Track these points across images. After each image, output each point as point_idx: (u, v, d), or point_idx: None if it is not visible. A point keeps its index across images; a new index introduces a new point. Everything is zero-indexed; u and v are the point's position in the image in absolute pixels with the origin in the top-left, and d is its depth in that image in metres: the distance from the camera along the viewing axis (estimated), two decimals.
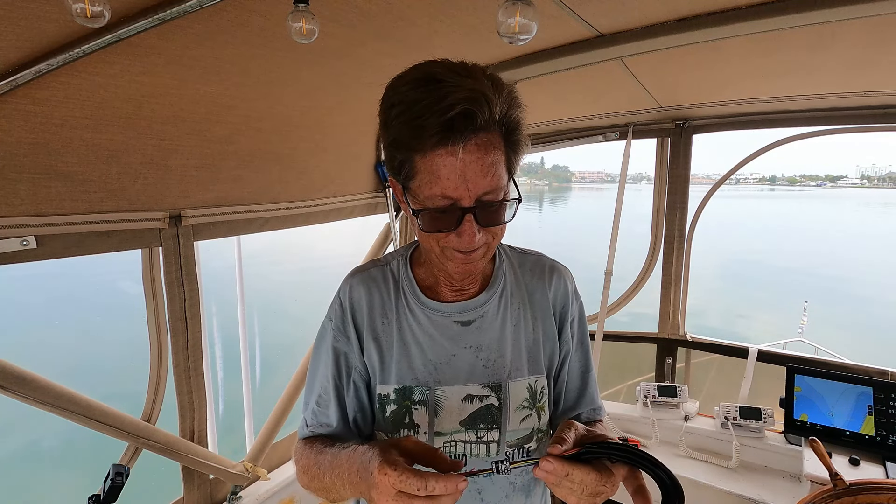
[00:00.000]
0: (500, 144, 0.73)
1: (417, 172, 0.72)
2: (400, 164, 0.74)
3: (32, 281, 18.33)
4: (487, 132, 0.70)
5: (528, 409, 0.88)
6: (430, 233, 0.75)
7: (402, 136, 0.71)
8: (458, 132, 0.67)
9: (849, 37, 1.29)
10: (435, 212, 0.73)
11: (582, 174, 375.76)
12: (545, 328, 0.91)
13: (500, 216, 0.75)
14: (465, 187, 0.70)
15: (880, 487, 1.35)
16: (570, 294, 0.95)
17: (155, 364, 1.46)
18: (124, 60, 1.04)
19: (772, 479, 1.93)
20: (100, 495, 1.27)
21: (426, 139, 0.68)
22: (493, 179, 0.71)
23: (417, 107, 0.68)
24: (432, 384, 0.86)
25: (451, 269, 0.79)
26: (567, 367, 0.95)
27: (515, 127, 0.74)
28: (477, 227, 0.73)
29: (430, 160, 0.70)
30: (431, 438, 0.86)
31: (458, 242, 0.74)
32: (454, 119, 0.66)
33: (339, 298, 0.91)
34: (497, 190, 0.73)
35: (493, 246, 0.79)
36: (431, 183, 0.71)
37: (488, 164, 0.70)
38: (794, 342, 4.47)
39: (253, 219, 1.64)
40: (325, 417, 0.90)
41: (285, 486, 1.87)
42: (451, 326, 0.87)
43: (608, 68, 1.58)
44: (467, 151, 0.68)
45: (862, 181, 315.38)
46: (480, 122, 0.68)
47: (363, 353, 0.89)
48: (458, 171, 0.69)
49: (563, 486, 0.65)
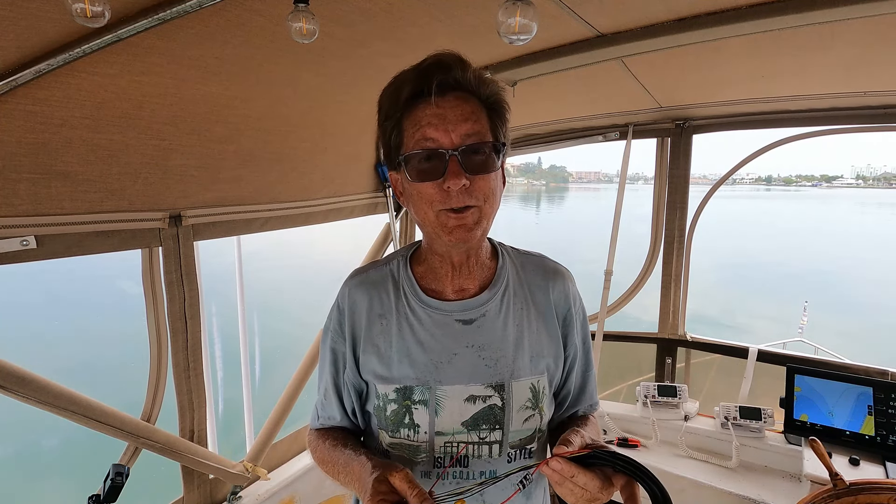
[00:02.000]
0: (481, 107, 0.78)
1: (404, 132, 0.78)
2: (391, 136, 0.80)
3: (33, 280, 18.34)
4: (465, 92, 0.77)
5: (531, 410, 0.88)
6: (418, 182, 0.77)
7: (389, 106, 0.78)
8: (430, 79, 0.74)
9: (848, 37, 1.29)
10: (421, 158, 0.76)
11: (579, 174, 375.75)
12: (547, 328, 0.92)
13: (487, 164, 0.77)
14: (445, 128, 0.74)
15: (880, 487, 1.35)
16: (572, 296, 0.95)
17: (155, 364, 1.46)
18: (124, 60, 1.04)
19: (772, 480, 1.93)
20: (100, 495, 1.27)
21: (405, 94, 0.76)
22: (474, 125, 0.76)
23: (399, 76, 0.78)
24: (433, 383, 0.85)
25: (447, 237, 0.79)
26: (567, 365, 0.95)
27: (496, 100, 0.80)
28: (464, 174, 0.75)
29: (412, 114, 0.77)
30: (432, 438, 0.86)
31: (447, 197, 0.76)
32: (428, 69, 0.74)
33: (336, 302, 0.93)
34: (480, 135, 0.76)
35: (487, 213, 0.80)
36: (414, 132, 0.76)
37: (468, 111, 0.76)
38: (794, 342, 4.47)
39: (253, 219, 1.64)
40: (331, 411, 0.96)
41: (285, 485, 1.87)
42: (452, 325, 0.87)
43: (608, 68, 1.58)
44: (446, 101, 0.75)
45: (857, 181, 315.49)
46: (456, 77, 0.75)
47: (360, 355, 0.90)
48: (437, 114, 0.75)
49: (565, 486, 0.67)
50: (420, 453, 0.86)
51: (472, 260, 0.88)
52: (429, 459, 0.86)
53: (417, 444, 0.86)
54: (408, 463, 0.87)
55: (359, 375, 0.91)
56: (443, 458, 0.86)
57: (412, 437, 0.86)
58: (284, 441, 1.97)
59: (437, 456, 0.86)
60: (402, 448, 0.87)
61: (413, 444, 0.86)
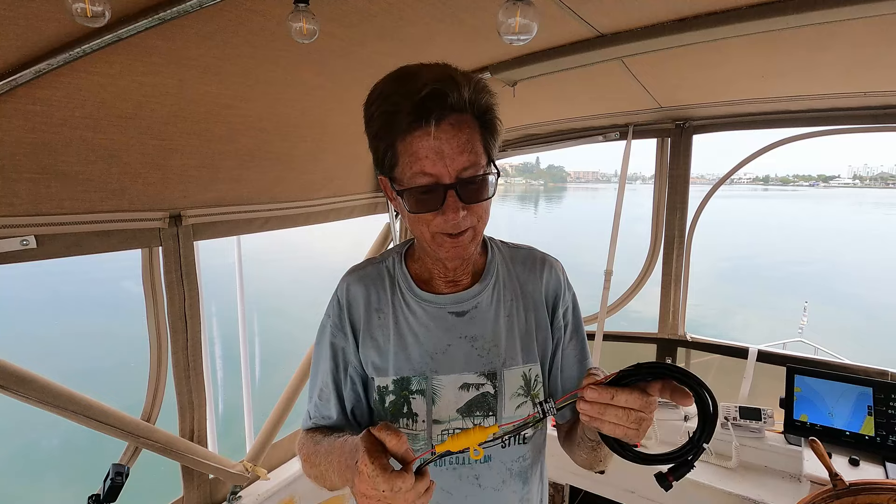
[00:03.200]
0: (475, 125, 0.77)
1: (399, 157, 0.77)
2: (384, 154, 0.79)
3: (33, 279, 18.33)
4: (460, 114, 0.75)
5: (522, 397, 0.91)
6: (416, 213, 0.78)
7: (381, 126, 0.77)
8: (429, 111, 0.72)
9: (849, 37, 1.29)
10: (418, 191, 0.76)
11: (577, 174, 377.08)
12: (537, 318, 0.94)
13: (482, 192, 0.78)
14: (443, 164, 0.74)
15: (880, 488, 1.35)
16: (562, 284, 0.97)
17: (155, 363, 1.46)
18: (124, 60, 1.04)
19: (772, 480, 1.93)
20: (99, 495, 1.27)
21: (401, 122, 0.74)
22: (470, 156, 0.76)
23: (393, 96, 0.75)
24: (429, 374, 0.88)
25: (443, 255, 0.82)
26: (560, 353, 0.96)
27: (487, 109, 0.78)
28: (461, 205, 0.76)
29: (408, 143, 0.75)
30: (430, 426, 0.88)
31: (444, 224, 0.77)
32: (425, 99, 0.72)
33: (336, 296, 0.95)
34: (476, 166, 0.77)
35: (480, 230, 0.82)
36: (412, 163, 0.75)
37: (463, 141, 0.75)
38: (793, 342, 4.46)
39: (253, 218, 1.64)
40: (327, 410, 0.94)
41: (285, 485, 1.87)
42: (446, 317, 0.90)
43: (608, 68, 1.58)
44: (442, 130, 0.73)
45: (854, 181, 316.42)
46: (451, 102, 0.73)
47: (360, 348, 0.92)
48: (435, 149, 0.74)
49: (608, 414, 0.66)
50: (418, 441, 0.89)
51: (466, 261, 0.91)
52: (426, 447, 0.88)
53: (416, 433, 0.89)
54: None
55: (360, 365, 0.93)
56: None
57: (411, 426, 0.89)
58: (284, 441, 1.97)
59: (435, 444, 0.87)
60: None
61: (412, 433, 0.89)
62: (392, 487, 0.62)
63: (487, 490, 0.90)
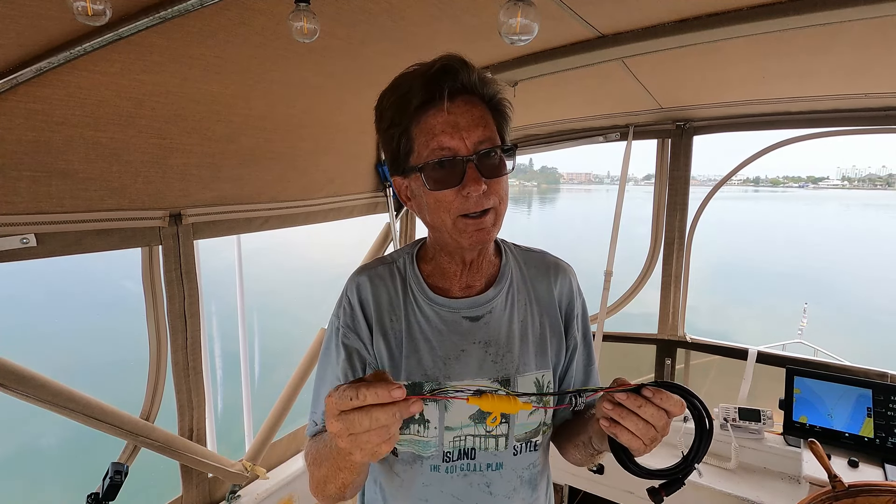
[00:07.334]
0: (486, 109, 0.79)
1: (414, 141, 0.77)
2: (398, 144, 0.79)
3: (33, 277, 18.33)
4: (471, 95, 0.77)
5: (535, 403, 0.89)
6: (436, 190, 0.77)
7: (394, 112, 0.78)
8: (441, 86, 0.73)
9: (849, 38, 1.29)
10: (437, 165, 0.76)
11: (570, 175, 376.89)
12: (551, 323, 0.93)
13: (501, 167, 0.79)
14: (459, 136, 0.75)
15: (879, 490, 1.35)
16: (574, 291, 0.97)
17: (154, 362, 1.45)
18: (125, 59, 1.04)
19: (771, 481, 1.93)
20: (99, 493, 1.27)
21: (414, 103, 0.75)
22: (486, 130, 0.77)
23: (404, 84, 0.76)
24: (442, 379, 0.86)
25: (465, 242, 0.80)
26: (574, 362, 0.96)
27: (497, 100, 0.80)
28: (483, 180, 0.76)
29: (423, 123, 0.76)
30: (441, 433, 0.86)
31: (466, 201, 0.76)
32: (435, 75, 0.73)
33: (346, 297, 0.91)
34: (492, 139, 0.77)
35: (501, 212, 0.82)
36: (428, 141, 0.76)
37: (478, 116, 0.76)
38: (793, 344, 4.46)
39: (253, 218, 1.64)
40: None
41: (284, 485, 1.87)
42: (460, 322, 0.88)
43: (609, 69, 1.58)
44: (455, 105, 0.75)
45: (843, 182, 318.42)
46: (462, 80, 0.75)
47: (374, 349, 0.88)
48: (451, 122, 0.75)
49: (627, 421, 0.66)
50: (430, 448, 0.86)
51: (482, 258, 0.90)
52: (438, 454, 0.86)
53: (427, 440, 0.86)
54: (417, 458, 0.87)
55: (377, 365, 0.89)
56: (451, 452, 0.86)
57: (422, 432, 0.86)
58: (283, 440, 1.97)
59: (447, 451, 0.86)
60: (411, 444, 0.87)
61: (423, 440, 0.86)
62: (357, 394, 0.55)
63: (498, 497, 0.88)
